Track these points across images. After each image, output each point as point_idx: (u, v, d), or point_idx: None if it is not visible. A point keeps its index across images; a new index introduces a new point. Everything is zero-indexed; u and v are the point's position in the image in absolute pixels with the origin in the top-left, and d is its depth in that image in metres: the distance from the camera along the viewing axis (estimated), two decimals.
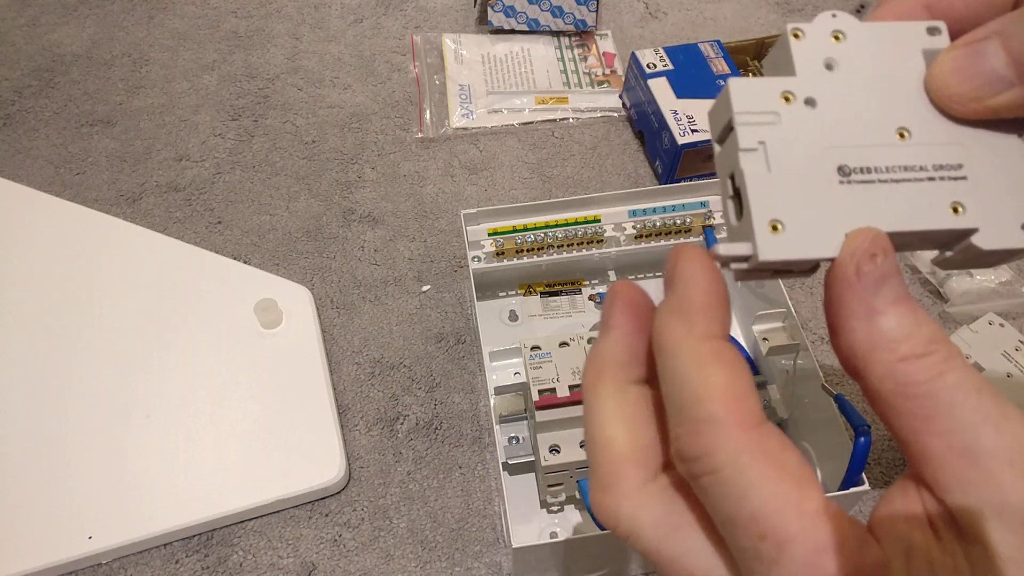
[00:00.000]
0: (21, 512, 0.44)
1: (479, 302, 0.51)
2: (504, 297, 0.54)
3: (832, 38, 0.20)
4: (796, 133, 0.19)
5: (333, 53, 0.70)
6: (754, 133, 0.19)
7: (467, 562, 0.44)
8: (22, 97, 0.65)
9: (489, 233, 0.51)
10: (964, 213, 0.19)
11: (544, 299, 0.54)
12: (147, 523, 0.44)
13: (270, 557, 0.44)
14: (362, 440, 0.48)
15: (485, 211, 0.51)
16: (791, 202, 0.19)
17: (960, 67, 0.19)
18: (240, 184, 0.60)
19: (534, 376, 0.42)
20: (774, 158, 0.19)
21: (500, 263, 0.51)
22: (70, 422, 0.47)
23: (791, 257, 0.18)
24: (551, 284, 0.54)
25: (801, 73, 0.20)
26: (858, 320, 0.17)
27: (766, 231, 0.18)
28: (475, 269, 0.50)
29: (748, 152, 0.19)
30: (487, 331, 0.50)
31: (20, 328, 0.51)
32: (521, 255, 0.51)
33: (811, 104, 0.19)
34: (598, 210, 0.51)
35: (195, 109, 0.65)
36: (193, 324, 0.51)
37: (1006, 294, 0.53)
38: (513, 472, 0.46)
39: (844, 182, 0.19)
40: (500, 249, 0.50)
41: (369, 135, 0.64)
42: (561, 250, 0.51)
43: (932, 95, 0.20)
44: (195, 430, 0.47)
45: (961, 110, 0.20)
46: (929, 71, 0.20)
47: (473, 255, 0.50)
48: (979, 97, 0.19)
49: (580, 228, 0.51)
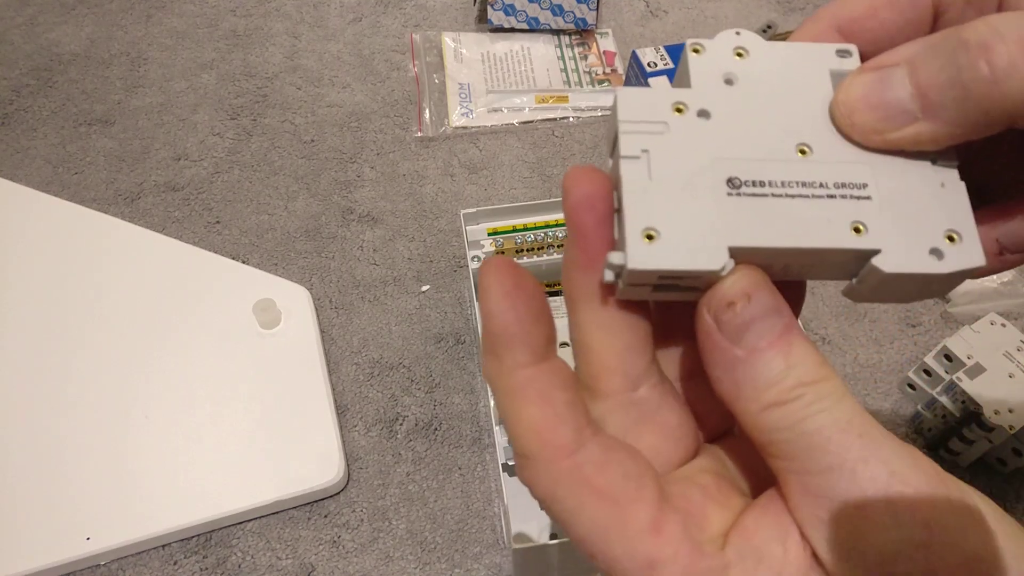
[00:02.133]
0: (20, 513, 0.44)
1: (479, 302, 0.50)
2: None
3: (735, 55, 0.19)
4: (684, 143, 0.18)
5: (332, 52, 0.69)
6: (637, 141, 0.18)
7: (467, 563, 0.44)
8: (20, 96, 0.65)
9: (489, 233, 0.51)
10: (866, 233, 0.18)
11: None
12: (146, 524, 0.44)
13: (269, 558, 0.44)
14: (361, 441, 0.48)
15: (485, 211, 0.50)
16: (671, 212, 0.17)
17: (865, 95, 0.18)
18: (239, 184, 0.60)
19: None
20: (657, 167, 0.18)
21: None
22: (68, 422, 0.47)
23: (663, 267, 0.17)
24: (551, 284, 0.54)
25: (697, 86, 0.19)
26: (721, 370, 0.17)
27: (639, 239, 0.17)
28: (475, 269, 0.50)
29: (629, 160, 0.18)
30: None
31: (18, 328, 0.51)
32: (521, 255, 0.51)
33: (704, 116, 0.19)
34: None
35: (193, 108, 0.65)
36: (191, 324, 0.51)
37: (1008, 294, 0.53)
38: (513, 473, 0.46)
39: (733, 194, 0.18)
40: (500, 249, 0.50)
41: (368, 134, 0.63)
42: (561, 250, 0.51)
43: (835, 120, 0.19)
44: (193, 431, 0.47)
45: (862, 140, 0.18)
46: (835, 95, 0.19)
47: (473, 255, 0.50)
48: (880, 130, 0.18)
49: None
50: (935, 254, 0.18)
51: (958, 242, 0.18)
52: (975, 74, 0.16)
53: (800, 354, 0.17)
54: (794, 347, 0.17)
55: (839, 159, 0.18)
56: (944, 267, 0.18)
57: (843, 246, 0.18)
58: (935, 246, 0.18)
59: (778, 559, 0.16)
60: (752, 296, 0.17)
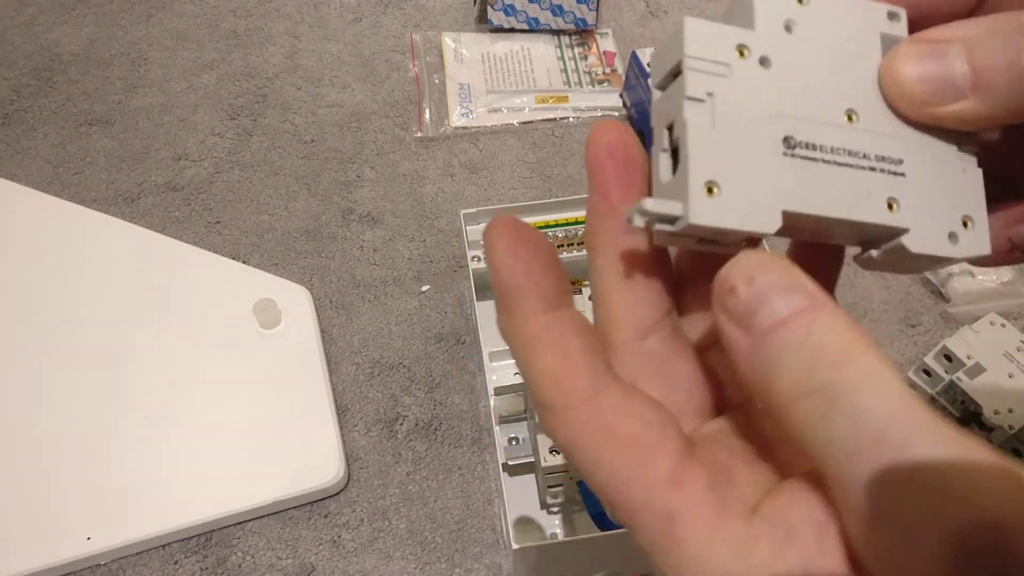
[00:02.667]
0: (20, 513, 0.44)
1: (479, 302, 0.51)
2: None
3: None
4: (746, 92, 0.17)
5: (332, 52, 0.69)
6: (703, 82, 0.17)
7: (467, 563, 0.44)
8: (20, 96, 0.65)
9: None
10: (898, 211, 0.18)
11: None
12: (146, 524, 0.44)
13: (269, 558, 0.44)
14: (361, 441, 0.48)
15: (485, 211, 0.50)
16: (732, 165, 0.17)
17: (918, 66, 0.18)
18: (239, 184, 0.60)
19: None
20: (720, 114, 0.17)
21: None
22: (68, 423, 0.47)
23: (723, 225, 0.16)
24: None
25: (760, 28, 0.18)
26: (740, 362, 0.16)
27: (701, 192, 0.16)
28: (475, 269, 0.50)
29: (694, 102, 0.17)
30: (487, 331, 0.50)
31: (17, 328, 0.51)
32: None
33: (765, 64, 0.18)
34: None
35: (194, 108, 0.65)
36: (191, 324, 0.51)
37: (1008, 294, 0.53)
38: (513, 473, 0.46)
39: (788, 154, 0.17)
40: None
41: (368, 134, 0.63)
42: (561, 250, 0.51)
43: (883, 87, 0.19)
44: (194, 431, 0.47)
45: (908, 110, 0.18)
46: (885, 61, 0.19)
47: (473, 255, 0.50)
48: (929, 103, 0.18)
49: (580, 228, 0.50)
50: (952, 238, 0.18)
51: (971, 228, 0.18)
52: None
53: (820, 332, 0.15)
54: (815, 325, 0.15)
55: (882, 131, 0.18)
56: (957, 252, 0.18)
57: (880, 222, 0.18)
58: (952, 230, 0.18)
59: (811, 544, 0.15)
60: (755, 277, 0.15)
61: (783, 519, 0.15)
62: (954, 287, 0.53)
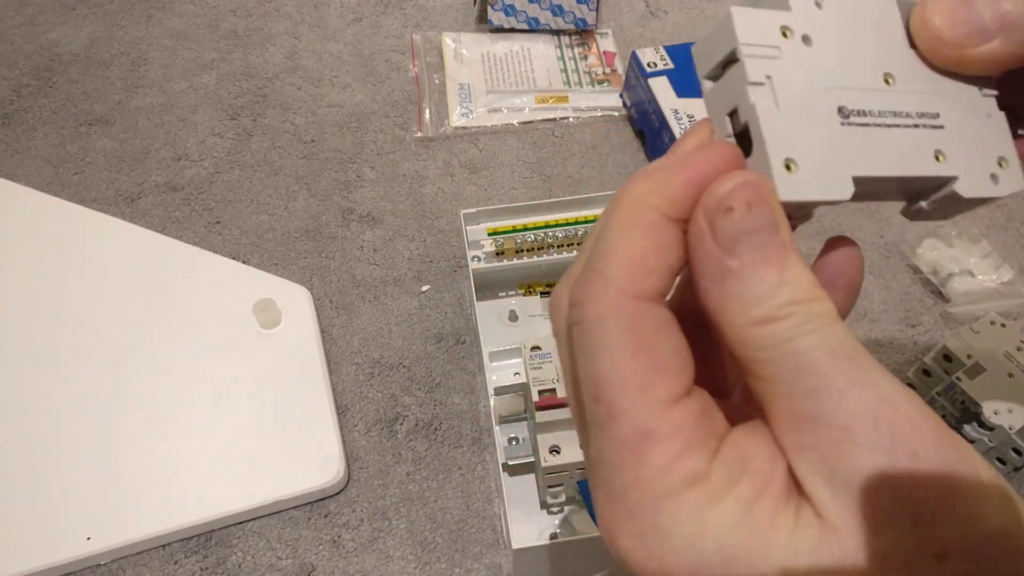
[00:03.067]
0: (20, 513, 0.44)
1: (479, 302, 0.51)
2: (504, 297, 0.54)
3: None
4: (798, 70, 0.18)
5: (332, 52, 0.69)
6: (761, 67, 0.18)
7: (467, 563, 0.44)
8: (20, 96, 0.65)
9: (489, 233, 0.51)
10: (945, 161, 0.19)
11: (544, 299, 0.54)
12: (146, 524, 0.44)
13: (269, 558, 0.44)
14: (361, 441, 0.48)
15: (485, 211, 0.50)
16: (801, 141, 0.18)
17: (950, 12, 0.20)
18: (239, 184, 0.60)
19: (534, 376, 0.42)
20: (781, 94, 0.18)
21: (500, 263, 0.50)
22: (68, 423, 0.47)
23: (807, 199, 0.17)
24: (551, 284, 0.54)
25: (796, 8, 0.19)
26: (710, 280, 0.17)
27: (782, 171, 0.17)
28: (475, 269, 0.50)
29: (756, 86, 0.18)
30: (487, 331, 0.50)
31: (17, 328, 0.51)
32: (521, 255, 0.51)
33: (807, 42, 0.19)
34: (599, 210, 0.51)
35: (194, 108, 0.65)
36: (191, 324, 0.51)
37: (1008, 294, 0.53)
38: (513, 473, 0.46)
39: (844, 124, 0.18)
40: (500, 249, 0.50)
41: (368, 134, 0.63)
42: (561, 250, 0.51)
43: (916, 34, 0.20)
44: (194, 431, 0.47)
45: (942, 55, 0.20)
46: (917, 11, 0.20)
47: (473, 255, 0.50)
48: (963, 44, 0.20)
49: (581, 228, 0.50)
50: (993, 179, 0.20)
51: (1006, 167, 0.20)
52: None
53: (795, 272, 0.16)
54: (789, 265, 0.16)
55: (916, 88, 0.20)
56: (1000, 191, 0.20)
57: (934, 174, 0.19)
58: (993, 171, 0.20)
59: (763, 476, 0.16)
60: (753, 206, 0.16)
61: (737, 454, 0.17)
62: (954, 287, 0.53)
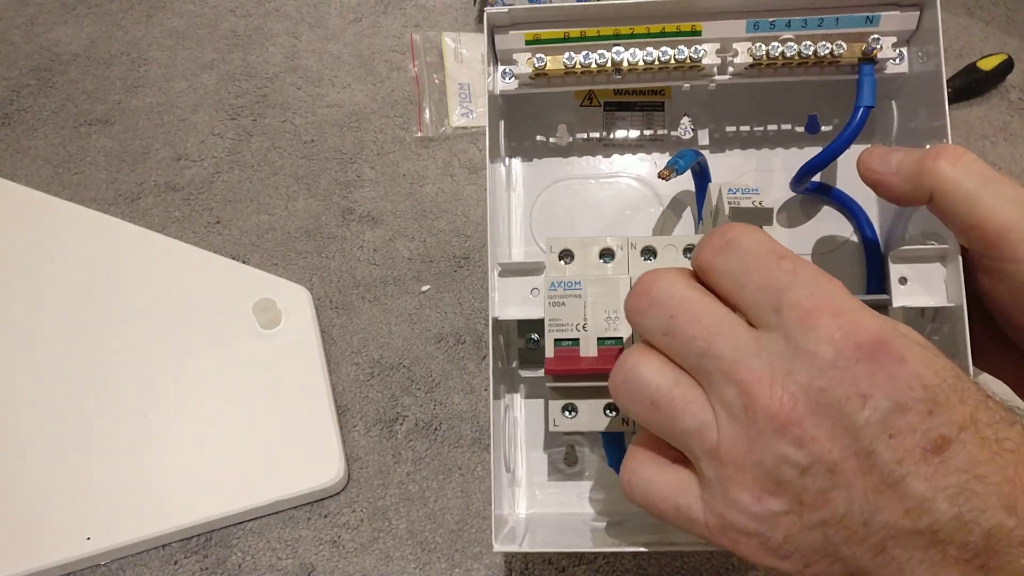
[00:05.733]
0: (20, 513, 0.44)
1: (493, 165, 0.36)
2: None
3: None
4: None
5: (332, 52, 0.69)
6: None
7: (467, 563, 0.44)
8: (20, 96, 0.65)
9: (528, 41, 0.35)
10: None
11: (609, 115, 0.38)
12: (146, 524, 0.44)
13: (269, 558, 0.44)
14: (361, 441, 0.48)
15: (520, 9, 0.34)
16: None
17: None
18: (239, 184, 0.60)
19: (552, 318, 0.31)
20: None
21: (537, 88, 0.35)
22: (68, 422, 0.47)
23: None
24: (621, 92, 0.38)
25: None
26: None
27: None
28: (504, 91, 0.36)
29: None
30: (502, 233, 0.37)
31: (16, 328, 0.51)
32: (572, 78, 0.35)
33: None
34: (699, 21, 0.34)
35: (194, 108, 0.65)
36: (191, 324, 0.51)
37: None
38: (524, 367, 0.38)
39: None
40: (541, 69, 0.35)
41: (368, 134, 0.63)
42: (632, 76, 0.35)
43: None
44: (193, 431, 0.47)
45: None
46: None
47: (505, 70, 0.36)
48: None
49: (667, 45, 0.34)
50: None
51: None
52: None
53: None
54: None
55: None
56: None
57: None
58: None
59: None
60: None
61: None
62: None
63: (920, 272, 0.34)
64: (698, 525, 0.24)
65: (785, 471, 0.22)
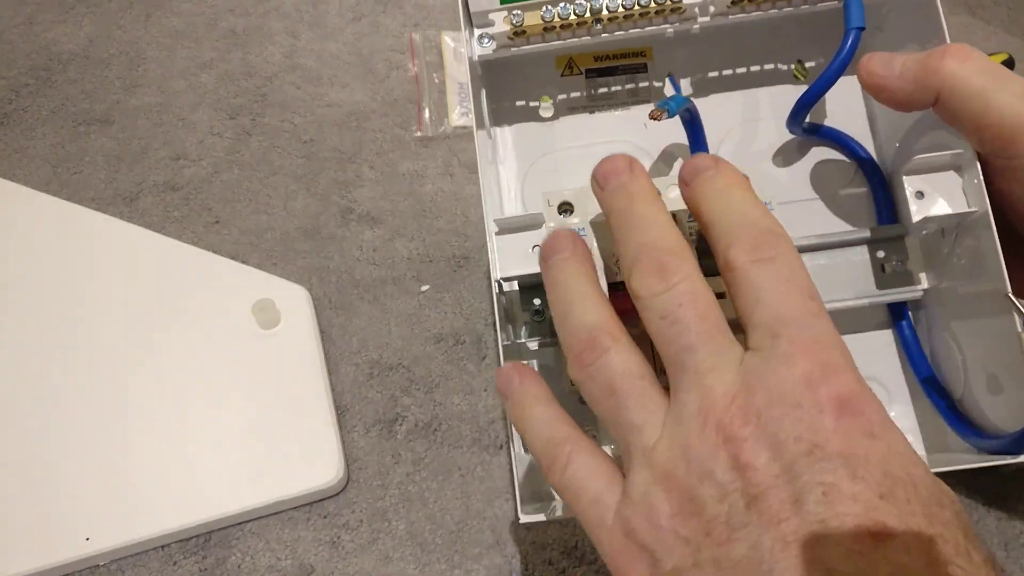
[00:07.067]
0: (19, 513, 0.44)
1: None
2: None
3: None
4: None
5: (331, 51, 0.69)
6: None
7: (466, 564, 0.44)
8: (19, 96, 0.65)
9: (503, 0, 0.35)
10: None
11: (592, 81, 0.38)
12: (145, 525, 0.44)
13: (268, 559, 0.44)
14: (360, 441, 0.48)
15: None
16: None
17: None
18: (238, 183, 0.60)
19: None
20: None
21: (516, 48, 0.35)
22: (66, 423, 0.47)
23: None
24: (601, 58, 0.38)
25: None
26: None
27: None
28: (481, 57, 0.37)
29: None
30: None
31: (14, 328, 0.51)
32: (551, 34, 0.35)
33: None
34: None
35: (192, 108, 0.65)
36: (190, 324, 0.51)
37: None
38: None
39: None
40: (519, 26, 0.35)
41: (368, 134, 0.63)
42: (613, 26, 0.35)
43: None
44: (192, 431, 0.47)
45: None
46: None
47: (481, 35, 0.35)
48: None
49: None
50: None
51: None
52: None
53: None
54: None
55: None
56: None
57: None
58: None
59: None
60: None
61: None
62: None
63: (936, 182, 0.32)
64: (604, 528, 0.24)
65: (706, 491, 0.21)
